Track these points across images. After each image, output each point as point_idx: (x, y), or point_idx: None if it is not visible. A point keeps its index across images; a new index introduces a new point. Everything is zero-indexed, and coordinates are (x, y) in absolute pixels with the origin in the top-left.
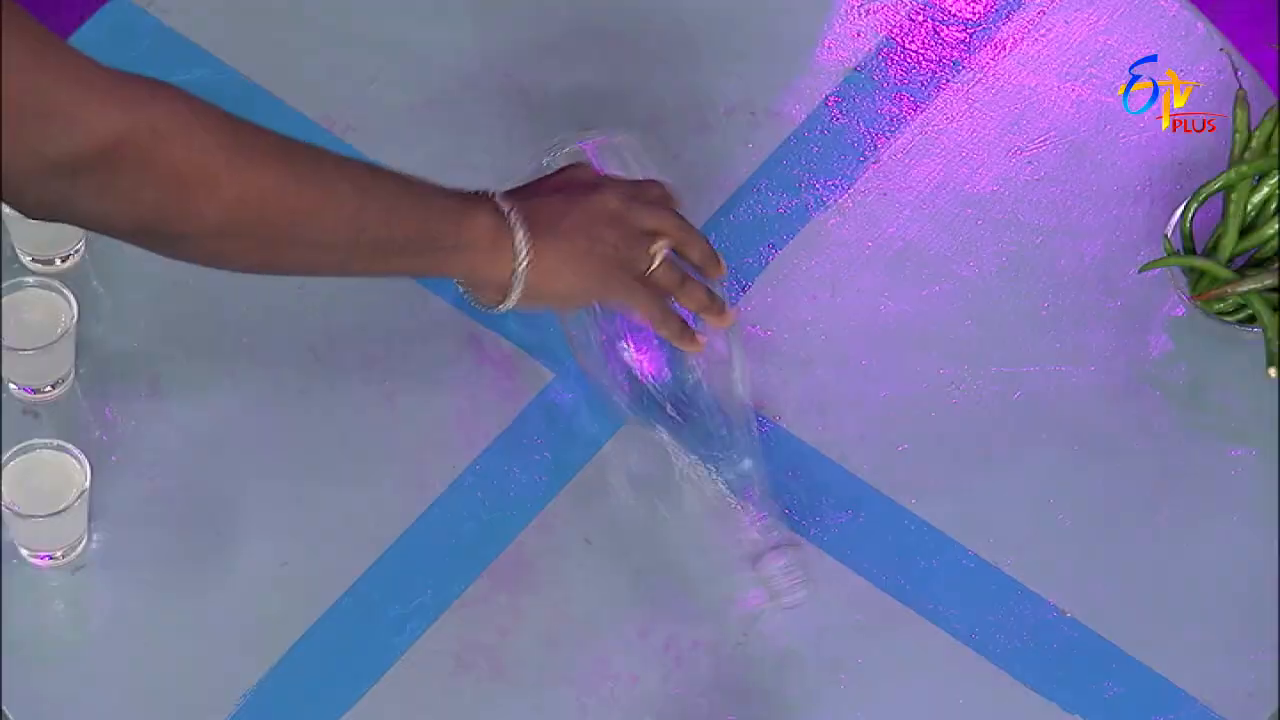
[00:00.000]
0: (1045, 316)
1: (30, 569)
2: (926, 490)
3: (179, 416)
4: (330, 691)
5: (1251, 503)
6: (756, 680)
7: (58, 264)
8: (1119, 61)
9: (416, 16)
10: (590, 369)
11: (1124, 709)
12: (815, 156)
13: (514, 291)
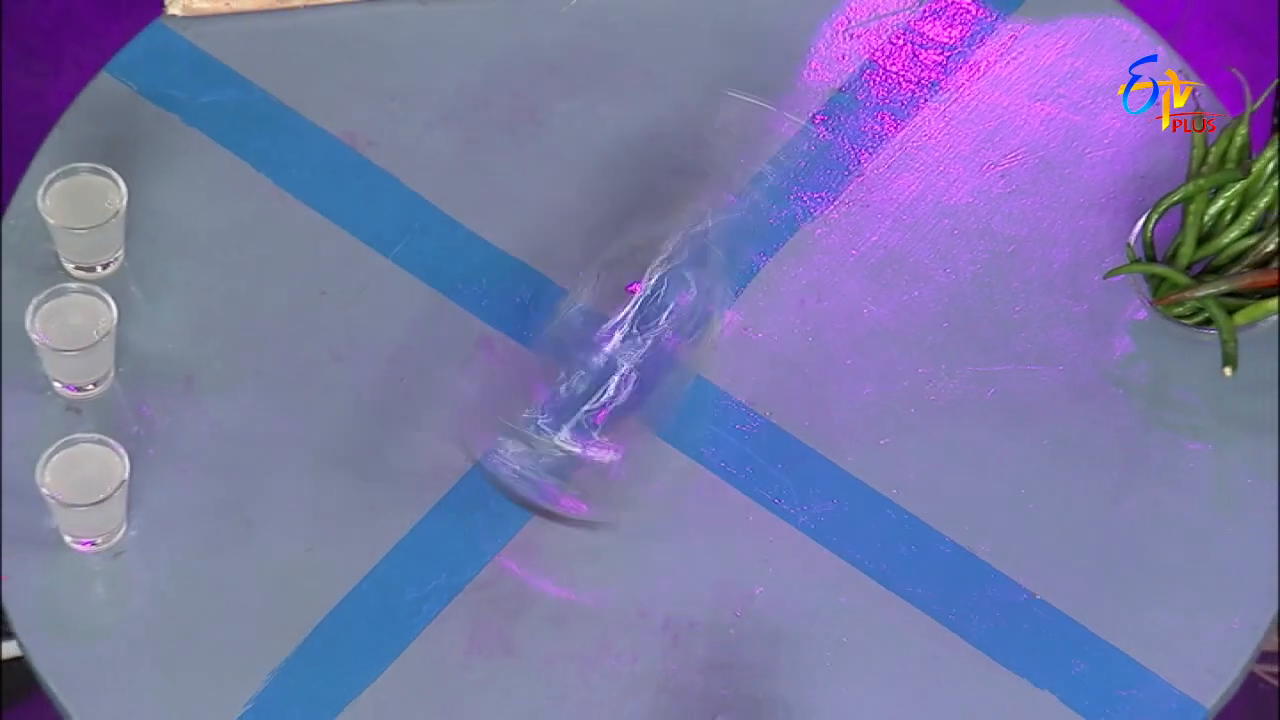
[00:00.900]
0: (1017, 319)
1: (73, 554)
2: (906, 481)
3: (211, 413)
4: (352, 668)
5: (1208, 493)
6: (748, 658)
7: (98, 271)
8: (1085, 82)
9: (431, 40)
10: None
11: (1090, 685)
12: (803, 170)
13: None
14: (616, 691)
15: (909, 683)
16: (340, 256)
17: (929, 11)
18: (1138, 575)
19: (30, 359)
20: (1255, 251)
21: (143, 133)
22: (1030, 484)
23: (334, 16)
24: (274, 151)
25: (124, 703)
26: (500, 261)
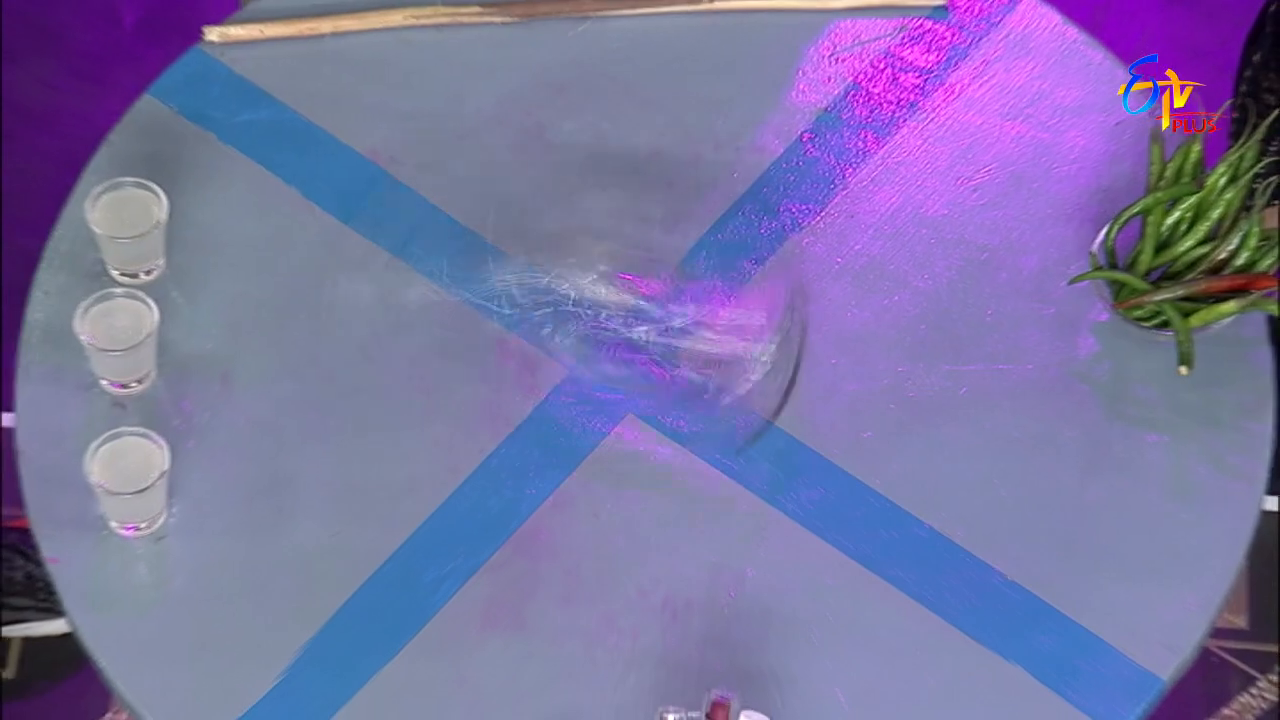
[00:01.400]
0: (989, 322)
1: (119, 539)
2: (887, 472)
3: (246, 408)
4: (375, 643)
5: (1166, 482)
6: (741, 634)
7: (141, 277)
8: (1052, 103)
9: (448, 64)
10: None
11: (1056, 659)
12: (791, 184)
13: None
14: (619, 665)
15: (889, 657)
16: (364, 264)
17: (908, 38)
18: (1100, 557)
19: (79, 358)
20: (1208, 259)
21: (183, 150)
22: (1001, 473)
23: (359, 42)
24: (303, 167)
25: (165, 674)
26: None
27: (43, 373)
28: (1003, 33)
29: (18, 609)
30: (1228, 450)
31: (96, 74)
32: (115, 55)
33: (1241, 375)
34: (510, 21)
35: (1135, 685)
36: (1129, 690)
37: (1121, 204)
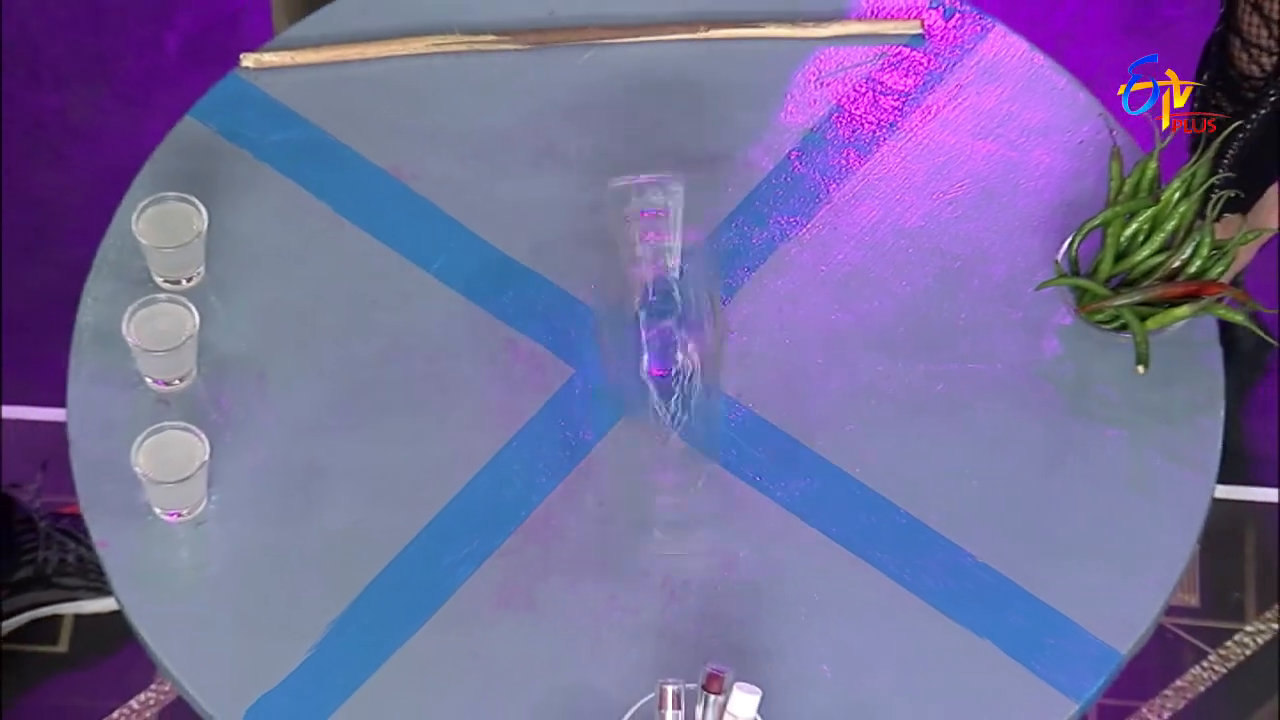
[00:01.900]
0: (962, 325)
1: (162, 524)
2: (868, 462)
3: (279, 404)
4: (397, 620)
5: (1124, 472)
6: (734, 611)
7: (183, 284)
8: (1020, 124)
9: (467, 86)
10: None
11: (1023, 634)
12: (780, 198)
13: None
14: (623, 640)
15: (869, 633)
16: (388, 271)
17: (887, 64)
18: (1064, 541)
19: (126, 358)
20: (1164, 268)
21: (221, 167)
22: (973, 464)
23: (383, 68)
24: (332, 182)
25: (204, 648)
26: (524, 275)
27: (92, 372)
28: (974, 59)
29: (70, 588)
30: (1181, 443)
31: (141, 98)
32: (158, 80)
33: (1194, 374)
34: (523, 49)
35: (1096, 659)
36: (1090, 663)
37: (1084, 216)
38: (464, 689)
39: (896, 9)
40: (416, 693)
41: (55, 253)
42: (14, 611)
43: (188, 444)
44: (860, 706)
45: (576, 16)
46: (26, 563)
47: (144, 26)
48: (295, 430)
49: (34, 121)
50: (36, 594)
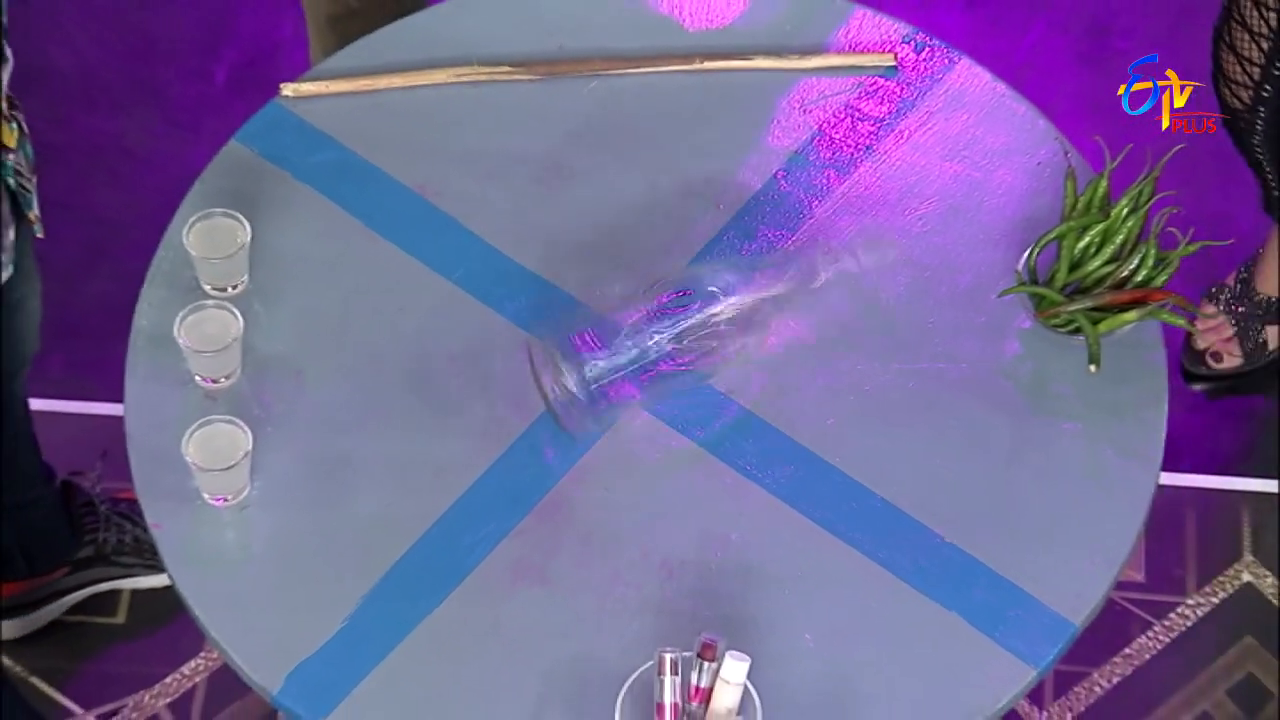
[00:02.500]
0: (931, 328)
1: (210, 508)
2: (847, 452)
3: (315, 400)
4: (422, 595)
5: (1078, 462)
6: (726, 589)
7: (229, 291)
8: (984, 147)
9: (485, 113)
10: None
11: (988, 607)
12: (768, 214)
13: None
14: (625, 614)
15: (848, 606)
16: (413, 280)
17: (864, 92)
18: (1024, 523)
19: (177, 358)
20: (1113, 276)
21: (263, 186)
22: (942, 454)
23: (409, 96)
24: (363, 199)
25: (247, 620)
26: (535, 282)
27: (147, 371)
28: (943, 88)
29: (127, 566)
30: (1129, 436)
31: (190, 123)
32: (206, 108)
33: (1140, 373)
34: (535, 79)
35: (1052, 629)
36: (1047, 634)
37: (1041, 231)
38: (482, 656)
39: (872, 43)
40: (439, 659)
41: (113, 264)
42: (77, 586)
43: (233, 436)
44: (840, 672)
45: (583, 50)
46: (88, 543)
47: (193, 58)
48: (329, 424)
49: (93, 145)
50: (97, 571)
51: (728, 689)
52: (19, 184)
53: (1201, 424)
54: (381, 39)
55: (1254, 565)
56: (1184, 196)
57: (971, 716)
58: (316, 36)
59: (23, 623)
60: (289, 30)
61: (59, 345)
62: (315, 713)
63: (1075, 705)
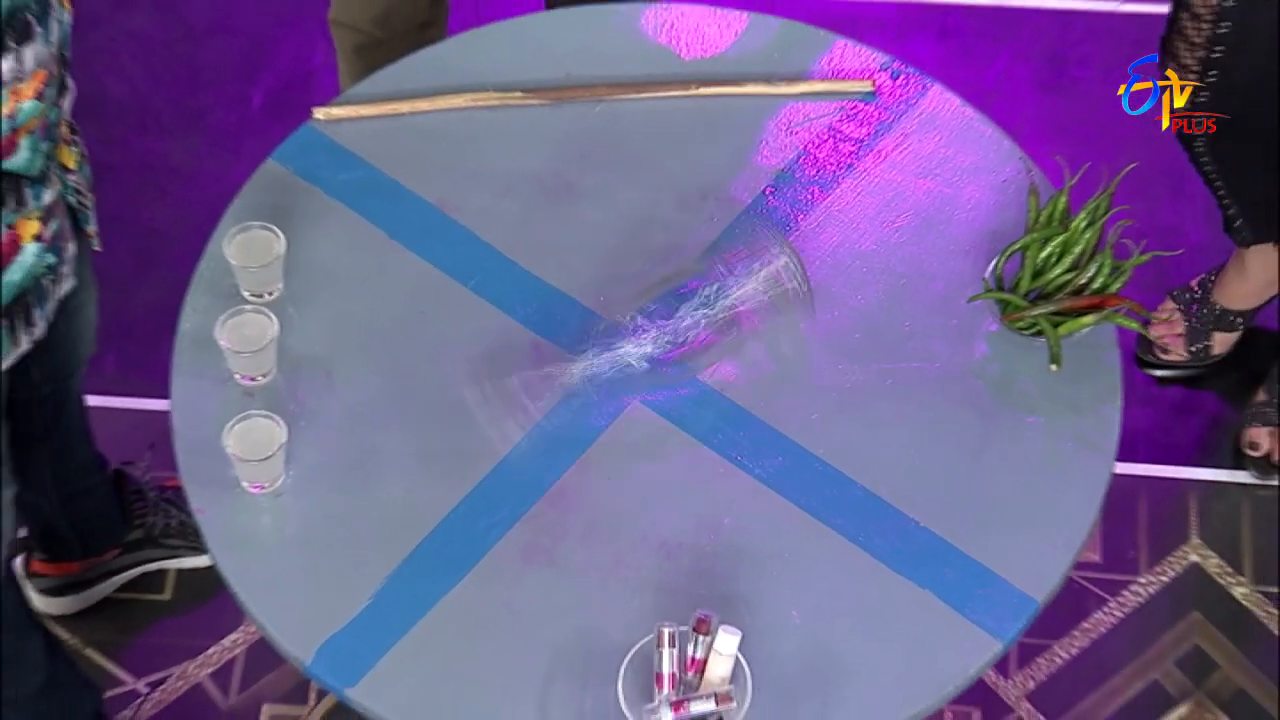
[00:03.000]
0: (907, 331)
1: (248, 495)
2: (830, 444)
3: (344, 396)
4: (441, 575)
5: (1040, 452)
6: (719, 569)
7: (266, 297)
8: (954, 166)
9: (499, 134)
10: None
11: (957, 585)
12: (757, 227)
13: None
14: (626, 592)
15: (830, 585)
16: (433, 287)
17: (845, 116)
18: (992, 509)
19: (218, 359)
20: (1072, 284)
21: (296, 201)
22: (916, 445)
23: (430, 119)
24: (388, 213)
25: (282, 597)
26: (545, 290)
27: (191, 370)
28: (917, 112)
29: (173, 547)
30: (1087, 429)
31: (231, 144)
32: (245, 130)
33: (1097, 371)
34: (545, 103)
35: (1017, 605)
36: (1012, 609)
37: (1007, 242)
38: (496, 631)
39: (852, 71)
40: (457, 633)
41: (161, 272)
42: (127, 566)
43: (269, 429)
44: (822, 645)
45: (588, 77)
46: (137, 526)
47: (233, 86)
48: (357, 418)
49: (143, 165)
50: (146, 552)
51: (721, 660)
52: (79, 202)
53: (1153, 418)
54: (404, 67)
55: (1200, 547)
56: (1137, 211)
57: (943, 686)
58: (345, 65)
59: (78, 599)
60: (320, 60)
61: (112, 347)
62: (344, 682)
63: (1037, 675)
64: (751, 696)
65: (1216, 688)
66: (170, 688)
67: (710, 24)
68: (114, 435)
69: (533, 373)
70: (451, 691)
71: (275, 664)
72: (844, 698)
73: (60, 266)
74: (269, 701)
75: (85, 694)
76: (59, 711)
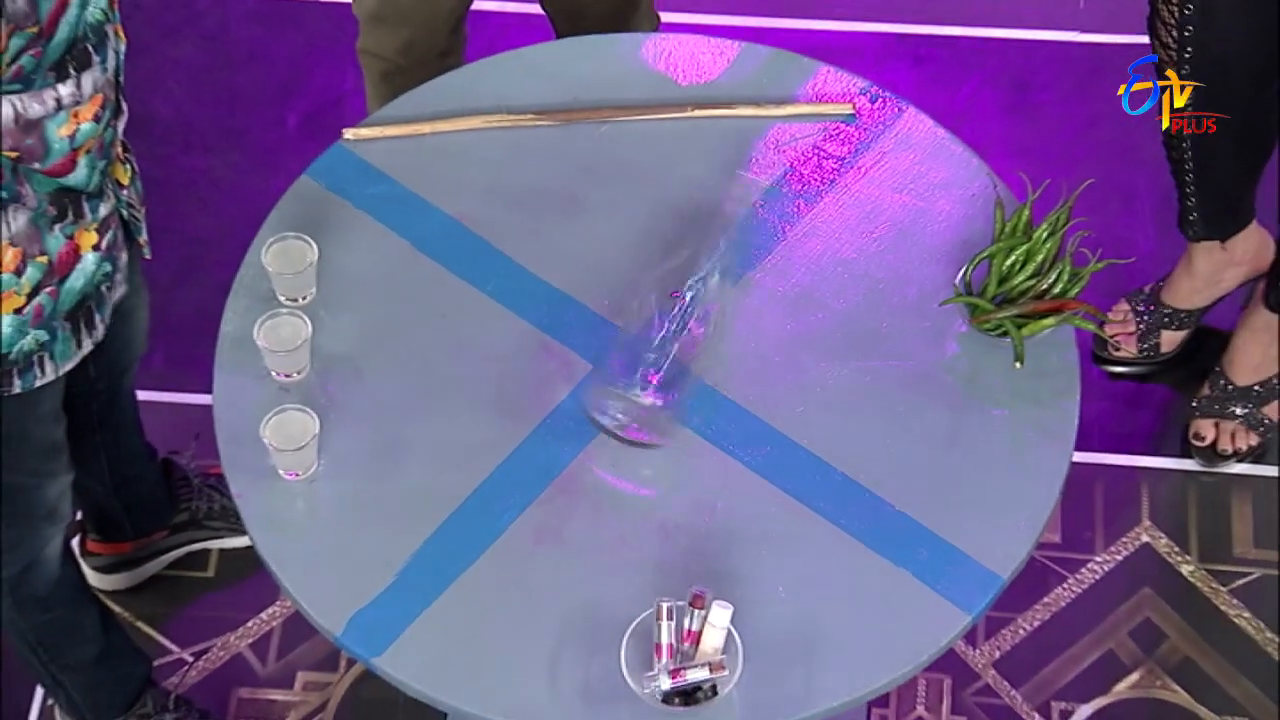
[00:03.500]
0: (884, 331)
1: (284, 481)
2: (813, 434)
3: (372, 391)
4: (460, 553)
5: (1006, 442)
6: (713, 549)
7: (300, 301)
8: (928, 181)
9: (513, 153)
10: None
11: (929, 564)
12: (748, 237)
13: None
14: (629, 568)
15: (814, 563)
16: (453, 292)
17: (828, 136)
18: (961, 493)
19: (257, 357)
20: (1035, 289)
21: (328, 213)
22: (893, 435)
23: (450, 139)
24: (411, 225)
25: (314, 574)
26: (554, 294)
27: (232, 367)
28: (893, 132)
29: (215, 529)
30: (1048, 420)
31: (269, 161)
32: (281, 149)
33: (1057, 369)
34: (554, 124)
35: (983, 582)
36: (980, 586)
37: (975, 251)
38: (510, 604)
39: (834, 95)
40: (475, 607)
41: (204, 278)
42: (174, 546)
43: (303, 421)
44: (807, 618)
45: (594, 100)
46: (183, 509)
47: (270, 109)
48: (383, 411)
49: (188, 179)
50: (191, 533)
51: (714, 631)
52: (131, 214)
53: (1108, 411)
54: (426, 92)
55: (1151, 529)
56: (1093, 223)
57: (917, 655)
58: (372, 90)
59: (129, 576)
60: (350, 84)
61: (160, 346)
62: (371, 652)
63: (1003, 645)
64: (742, 665)
65: (1165, 656)
66: (213, 657)
67: (704, 52)
68: (162, 427)
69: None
70: (469, 660)
71: (308, 635)
72: (826, 666)
73: (115, 274)
74: (302, 669)
75: (137, 662)
76: (113, 678)
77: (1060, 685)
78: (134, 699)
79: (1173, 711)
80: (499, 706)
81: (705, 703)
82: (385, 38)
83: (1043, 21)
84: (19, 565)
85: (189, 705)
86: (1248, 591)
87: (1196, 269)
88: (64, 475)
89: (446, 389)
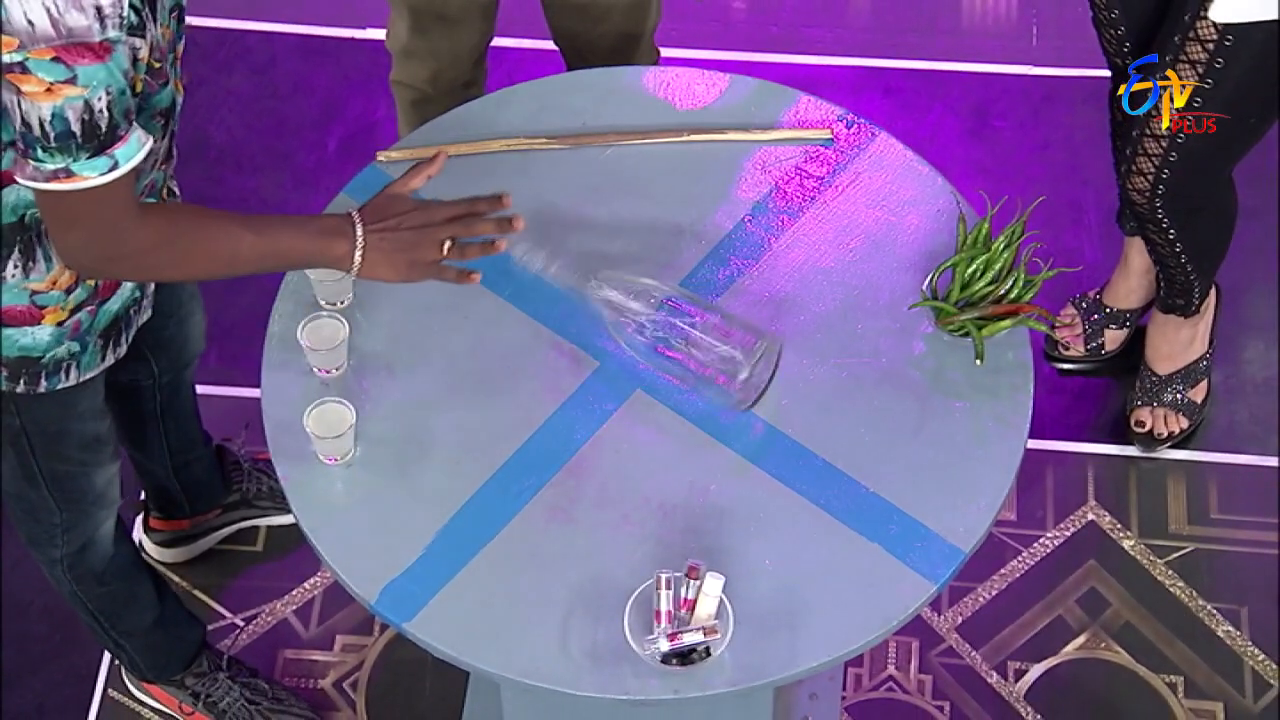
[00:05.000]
0: (859, 332)
1: (324, 466)
2: (796, 423)
3: (403, 385)
4: (481, 529)
5: (967, 431)
6: (707, 526)
7: (339, 305)
8: (898, 198)
9: (527, 172)
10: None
11: (899, 540)
12: (737, 248)
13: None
14: (631, 544)
15: (797, 538)
16: (475, 296)
17: (808, 158)
18: (927, 476)
19: (300, 355)
20: (993, 294)
21: None
22: (867, 425)
23: (472, 160)
24: None
25: (352, 548)
26: (565, 297)
27: (278, 364)
28: (867, 155)
29: (263, 508)
30: (1004, 411)
31: (311, 180)
32: (322, 169)
33: (1013, 366)
34: (565, 147)
35: (947, 555)
36: (944, 558)
37: (940, 260)
38: (525, 574)
39: (814, 121)
40: (494, 577)
41: (254, 284)
42: (227, 523)
43: (341, 412)
44: (790, 588)
45: (600, 126)
46: (235, 490)
47: (313, 133)
48: (413, 403)
49: (240, 197)
50: (242, 512)
51: (708, 600)
52: None
53: (1058, 403)
54: (451, 118)
55: (1096, 508)
56: (1045, 235)
57: (888, 620)
58: (403, 116)
59: (186, 550)
60: (383, 112)
61: (214, 345)
62: (402, 618)
63: (964, 611)
64: (733, 629)
65: (1109, 621)
66: (261, 622)
67: (699, 83)
68: (217, 417)
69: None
70: (490, 624)
71: (346, 603)
72: (808, 630)
73: (142, 300)
74: (341, 633)
75: (191, 627)
76: (169, 642)
77: (1015, 647)
78: (190, 659)
79: (1115, 670)
80: (516, 666)
81: (700, 663)
82: (415, 70)
83: (1000, 56)
84: (76, 544)
85: (239, 664)
86: (1182, 564)
87: (1131, 266)
88: (109, 464)
89: (469, 383)
